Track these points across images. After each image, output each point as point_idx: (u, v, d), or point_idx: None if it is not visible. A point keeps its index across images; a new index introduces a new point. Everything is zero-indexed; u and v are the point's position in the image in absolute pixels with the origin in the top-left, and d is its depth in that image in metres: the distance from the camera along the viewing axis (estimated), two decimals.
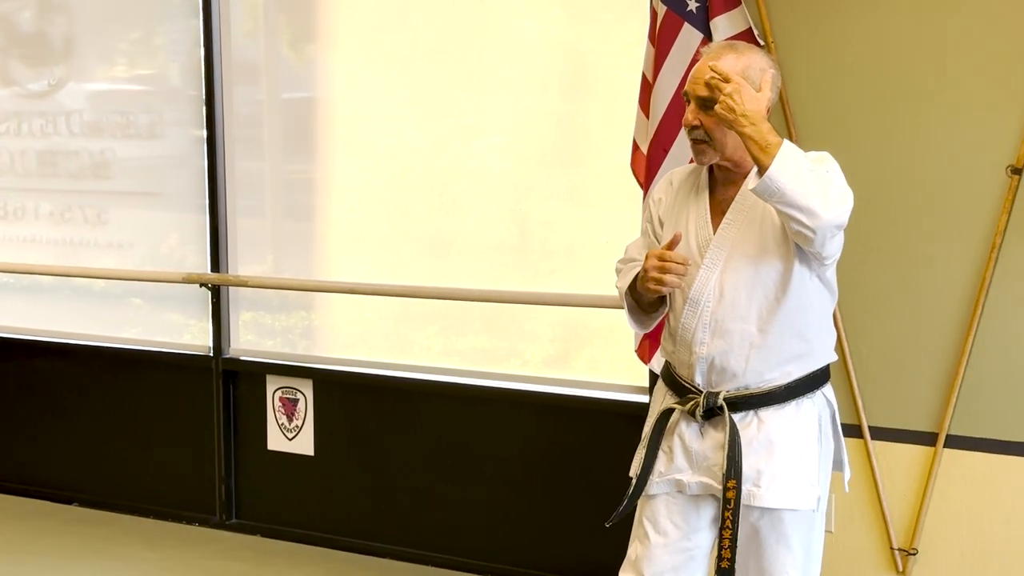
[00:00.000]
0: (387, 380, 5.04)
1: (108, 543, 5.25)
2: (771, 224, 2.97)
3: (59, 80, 5.72)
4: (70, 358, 5.75)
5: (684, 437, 3.09)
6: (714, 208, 3.07)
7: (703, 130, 2.97)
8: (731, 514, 2.98)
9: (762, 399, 3.02)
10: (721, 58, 2.98)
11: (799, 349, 3.02)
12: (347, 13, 5.11)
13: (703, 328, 3.02)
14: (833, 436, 3.13)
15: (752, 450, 3.01)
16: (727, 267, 3.00)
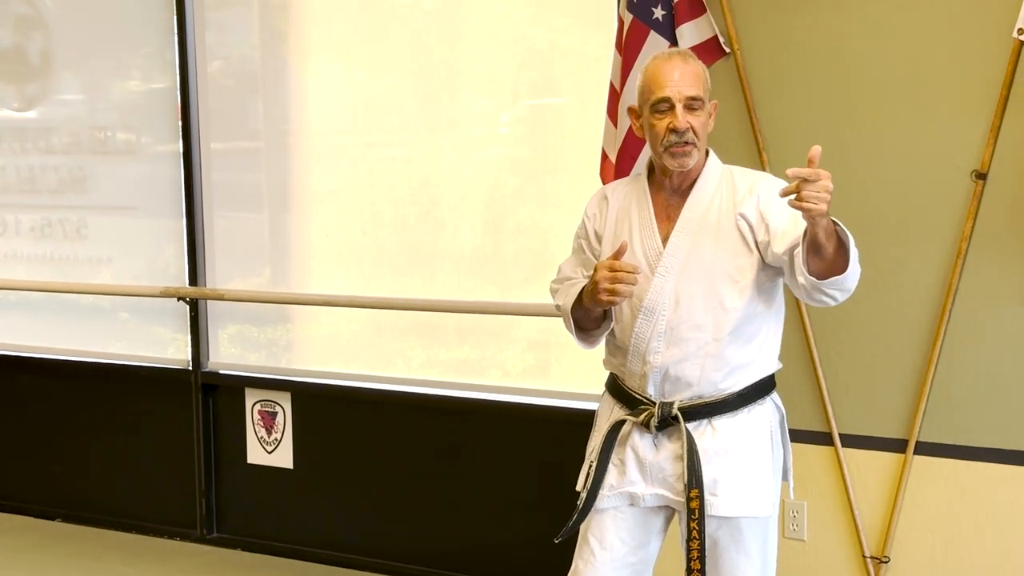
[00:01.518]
0: (366, 392, 5.03)
1: (90, 558, 5.25)
2: (725, 232, 2.97)
3: (37, 96, 5.72)
4: (51, 373, 5.75)
5: (637, 449, 3.07)
6: (659, 216, 3.06)
7: (693, 132, 2.97)
8: (697, 524, 2.98)
9: (715, 407, 3.02)
10: (690, 61, 3.00)
11: (749, 357, 3.03)
12: (322, 25, 5.11)
13: (658, 337, 3.01)
14: (782, 442, 3.14)
15: (707, 459, 3.00)
16: (682, 275, 2.99)
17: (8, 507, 5.82)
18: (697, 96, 2.97)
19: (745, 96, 3.94)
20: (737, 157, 3.95)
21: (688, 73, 2.98)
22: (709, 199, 3.03)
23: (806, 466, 3.97)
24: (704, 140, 3.02)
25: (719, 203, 3.02)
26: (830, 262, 2.80)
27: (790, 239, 2.88)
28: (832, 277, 2.80)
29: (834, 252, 2.79)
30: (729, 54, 3.96)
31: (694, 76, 2.98)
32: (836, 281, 2.81)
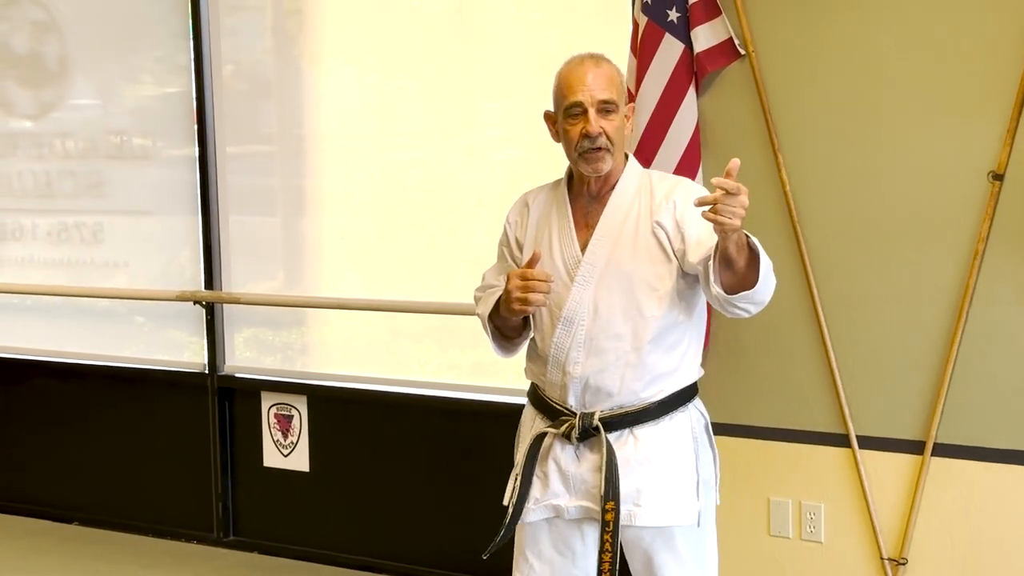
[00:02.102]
0: (382, 395, 5.03)
1: (106, 561, 5.26)
2: (644, 241, 2.95)
3: (53, 101, 5.74)
4: (69, 377, 5.77)
5: (559, 461, 3.03)
6: (577, 224, 3.02)
7: (607, 137, 2.93)
8: (611, 537, 2.93)
9: (636, 416, 2.98)
10: (603, 64, 2.96)
11: (671, 366, 3.00)
12: (337, 29, 5.12)
13: (577, 347, 2.97)
14: (710, 447, 3.11)
15: (630, 469, 2.96)
16: (600, 284, 2.96)
17: (25, 510, 5.84)
18: (610, 100, 2.93)
19: (760, 98, 3.94)
20: (753, 160, 3.97)
21: (601, 76, 2.94)
22: (628, 206, 2.99)
23: (823, 468, 3.98)
24: (620, 144, 2.98)
25: (637, 210, 2.98)
26: (741, 276, 2.78)
27: (705, 249, 2.85)
28: (742, 292, 2.78)
29: (745, 266, 2.77)
30: (744, 56, 3.96)
31: (607, 79, 2.94)
32: (745, 296, 2.79)
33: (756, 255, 2.76)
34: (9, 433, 5.92)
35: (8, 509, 5.87)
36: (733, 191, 2.61)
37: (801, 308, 3.95)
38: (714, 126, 4.02)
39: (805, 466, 4.01)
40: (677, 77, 3.97)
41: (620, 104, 2.96)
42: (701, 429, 3.08)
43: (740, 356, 4.05)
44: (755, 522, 4.09)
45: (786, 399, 4.01)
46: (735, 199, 2.62)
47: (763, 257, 2.77)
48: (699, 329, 3.08)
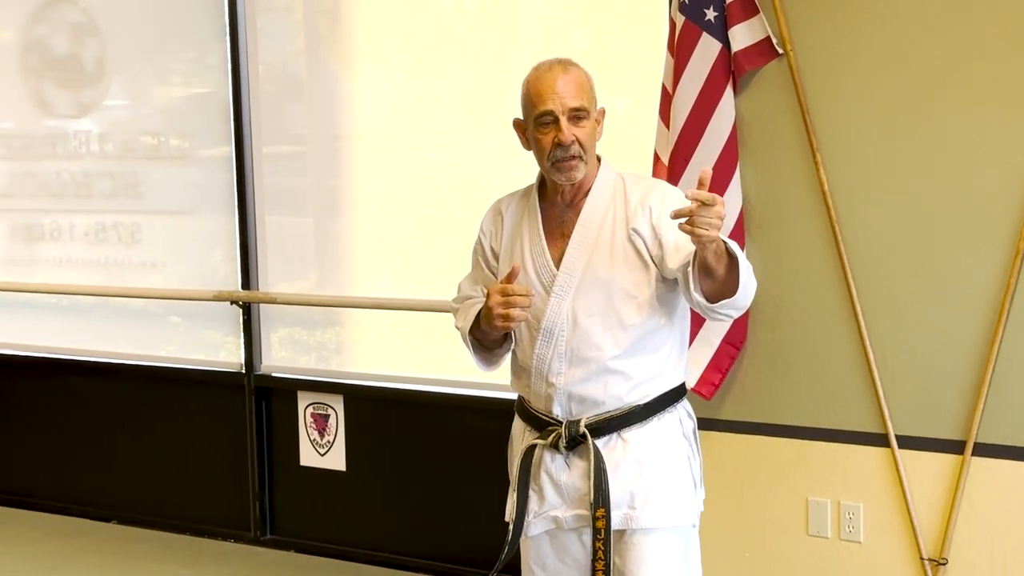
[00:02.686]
0: (417, 395, 5.05)
1: (144, 560, 5.29)
2: (621, 248, 2.91)
3: (91, 102, 5.79)
4: (107, 377, 5.81)
5: (551, 472, 3.00)
6: (550, 233, 2.98)
7: (579, 145, 2.90)
8: (603, 544, 2.89)
9: (623, 420, 2.94)
10: (571, 70, 2.92)
11: (655, 370, 2.96)
12: (376, 27, 5.14)
13: (559, 359, 2.94)
14: (697, 449, 3.08)
15: (621, 473, 2.93)
16: (579, 294, 2.92)
17: (65, 509, 5.88)
18: (581, 107, 2.89)
19: (799, 97, 3.93)
20: (791, 159, 3.96)
21: (570, 83, 2.90)
22: (603, 213, 2.95)
23: (862, 467, 3.96)
24: (592, 151, 2.94)
25: (612, 216, 2.94)
26: (721, 283, 2.76)
27: (683, 254, 2.82)
28: (723, 300, 2.76)
29: (725, 273, 2.74)
30: (782, 55, 3.95)
31: (577, 86, 2.90)
32: (726, 304, 2.77)
33: (736, 261, 2.72)
34: (48, 433, 5.96)
35: (48, 508, 5.92)
36: (708, 202, 2.58)
37: (840, 307, 3.94)
38: (751, 125, 4.01)
39: (844, 466, 3.99)
40: (714, 76, 3.97)
41: (591, 110, 2.93)
42: (690, 431, 3.05)
43: (778, 355, 4.04)
44: (793, 522, 4.08)
45: (824, 398, 4.00)
46: (710, 210, 2.59)
47: (742, 263, 2.73)
48: (682, 331, 3.04)
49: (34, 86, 5.92)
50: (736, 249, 2.74)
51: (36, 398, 6.00)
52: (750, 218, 4.03)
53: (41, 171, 5.94)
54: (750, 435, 4.11)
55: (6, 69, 5.97)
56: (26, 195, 6.01)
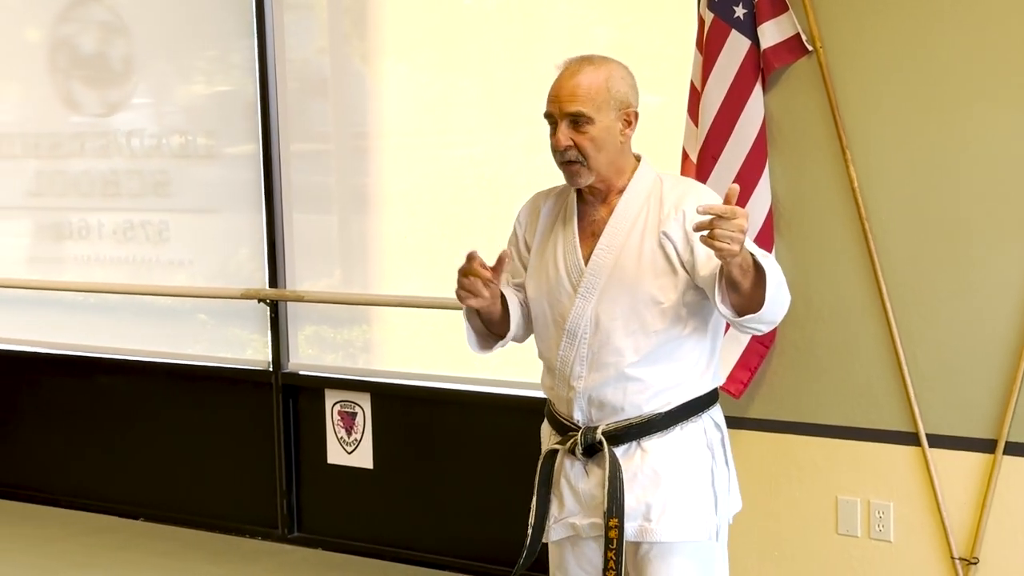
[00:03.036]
0: (445, 393, 5.05)
1: (172, 557, 5.31)
2: (649, 251, 2.83)
3: (119, 101, 5.81)
4: (135, 374, 5.83)
5: (570, 478, 2.94)
6: (583, 232, 2.91)
7: (576, 150, 2.82)
8: (614, 555, 2.81)
9: (642, 428, 2.86)
10: (581, 72, 2.82)
11: (677, 378, 2.87)
12: (404, 25, 5.14)
13: (580, 361, 2.87)
14: (725, 460, 2.95)
15: (638, 483, 2.85)
16: (603, 297, 2.85)
17: (92, 506, 5.91)
18: (578, 112, 2.79)
19: (828, 95, 3.91)
20: (820, 156, 3.94)
21: (576, 87, 2.81)
22: (635, 214, 2.86)
23: (892, 466, 3.95)
24: (599, 156, 2.82)
25: (644, 219, 2.86)
26: (748, 296, 2.67)
27: (715, 263, 2.71)
28: (748, 314, 2.68)
29: (752, 286, 2.65)
30: (811, 52, 3.93)
31: (583, 89, 2.80)
32: (752, 318, 2.68)
33: (763, 274, 2.63)
34: (75, 430, 5.99)
35: (76, 505, 5.95)
36: (724, 215, 2.50)
37: (869, 305, 3.92)
38: (781, 123, 4.00)
39: (873, 464, 3.98)
40: (743, 74, 3.95)
41: (595, 116, 2.80)
42: (717, 442, 2.93)
43: (807, 354, 4.02)
44: (823, 521, 4.07)
45: (854, 397, 3.98)
46: (730, 223, 2.51)
47: (771, 276, 2.63)
48: (714, 340, 2.93)
49: (62, 85, 5.95)
50: (767, 262, 2.65)
51: (64, 395, 6.03)
52: (779, 216, 4.02)
53: (69, 170, 5.97)
54: (779, 434, 4.10)
55: (35, 68, 5.99)
56: (54, 193, 6.03)
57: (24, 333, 6.16)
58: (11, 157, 6.14)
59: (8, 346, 6.21)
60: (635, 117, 2.87)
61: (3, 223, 6.32)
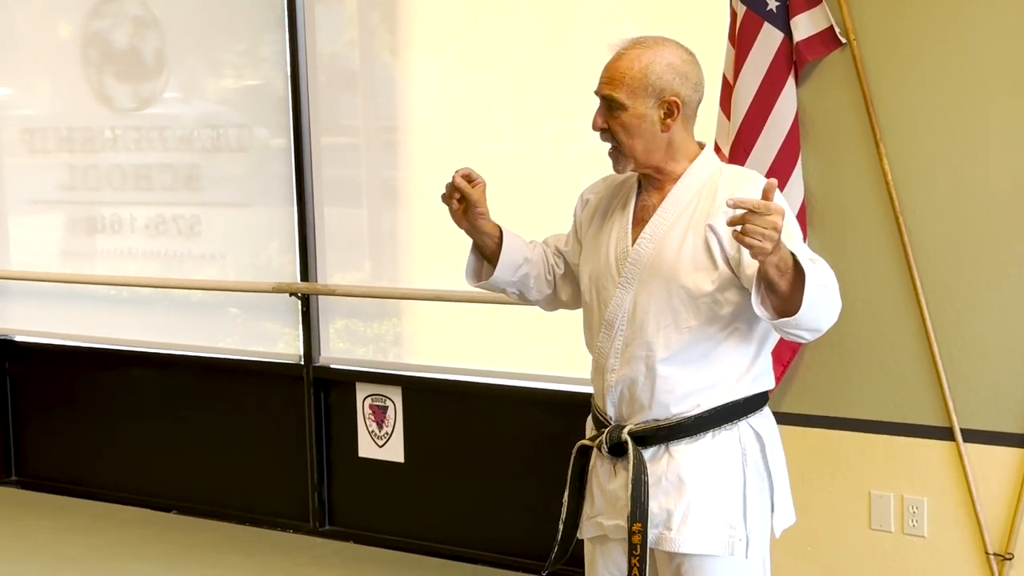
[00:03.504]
0: (476, 386, 5.05)
1: (204, 549, 5.34)
2: (692, 244, 2.71)
3: (151, 95, 5.83)
4: (167, 368, 5.86)
5: (600, 476, 2.86)
6: (635, 219, 2.82)
7: (610, 134, 2.76)
8: (638, 561, 2.71)
9: (670, 432, 2.74)
10: (624, 56, 2.73)
11: (710, 380, 2.74)
12: (437, 17, 5.14)
13: (615, 354, 2.79)
14: (766, 473, 2.80)
15: (661, 489, 2.74)
16: (641, 287, 2.75)
17: (124, 499, 5.94)
18: (610, 97, 2.72)
19: (862, 88, 3.89)
20: (854, 149, 3.92)
21: (615, 71, 2.73)
22: (685, 204, 2.75)
23: (926, 461, 3.93)
24: (630, 144, 2.74)
25: (694, 209, 2.74)
26: (785, 299, 2.52)
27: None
28: (783, 318, 2.53)
29: (790, 288, 2.51)
30: (845, 45, 3.91)
31: (617, 74, 2.72)
32: (788, 323, 2.53)
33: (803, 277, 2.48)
34: (109, 424, 6.02)
35: (109, 498, 5.98)
36: (758, 209, 2.39)
37: (903, 299, 3.90)
38: (814, 116, 3.98)
39: (907, 459, 3.96)
40: (776, 67, 3.93)
41: (628, 102, 2.71)
42: (756, 451, 2.77)
43: (841, 348, 4.00)
44: (855, 516, 4.05)
45: (888, 391, 3.96)
46: (763, 219, 2.38)
47: (811, 280, 2.48)
48: (760, 343, 2.77)
49: (95, 80, 5.97)
50: (812, 265, 2.51)
51: (96, 389, 6.07)
52: (812, 210, 4.00)
53: (102, 164, 6.00)
54: (812, 428, 4.08)
55: (68, 63, 6.02)
56: (87, 187, 6.06)
57: (56, 327, 6.19)
58: (44, 151, 6.17)
59: (41, 339, 6.25)
60: (677, 107, 2.72)
61: (36, 217, 6.36)
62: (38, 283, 6.19)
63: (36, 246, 6.31)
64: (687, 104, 2.75)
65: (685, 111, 2.75)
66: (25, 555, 5.31)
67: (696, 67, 2.79)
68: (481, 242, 3.01)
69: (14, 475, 6.33)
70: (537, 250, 3.08)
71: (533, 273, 3.05)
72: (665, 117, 2.73)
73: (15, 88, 6.38)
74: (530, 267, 3.05)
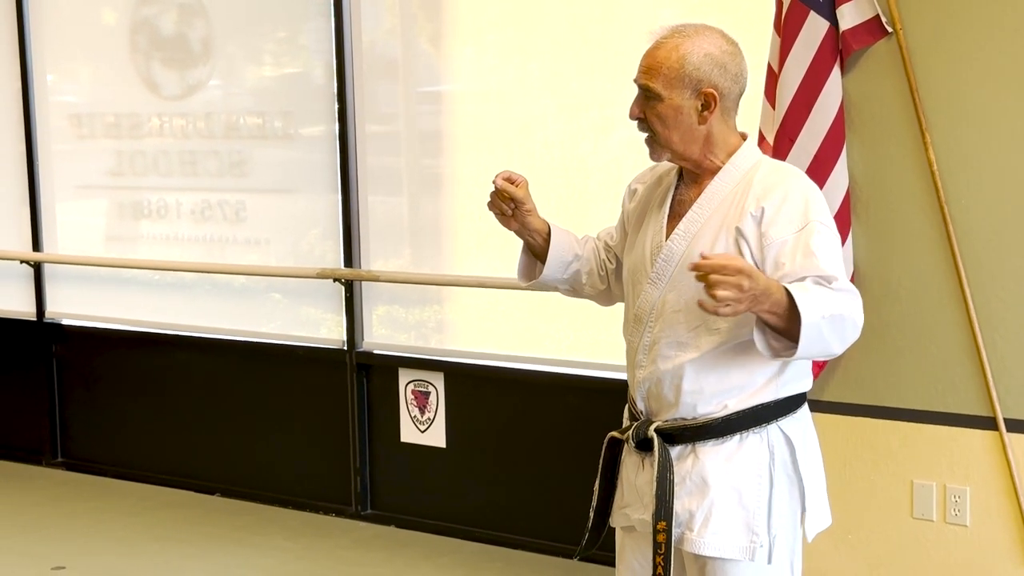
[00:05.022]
0: (518, 373, 5.08)
1: (247, 532, 5.39)
2: (723, 243, 2.66)
3: (198, 82, 5.88)
4: (211, 352, 5.91)
5: (628, 469, 2.85)
6: (672, 213, 2.78)
7: (646, 123, 2.72)
8: (663, 560, 2.69)
9: (697, 432, 2.71)
10: (663, 45, 2.69)
11: (738, 381, 2.70)
12: (480, 7, 5.16)
13: (643, 350, 2.77)
14: (796, 476, 2.75)
15: (685, 490, 2.72)
16: (671, 284, 2.71)
17: (170, 481, 6.00)
18: (646, 86, 2.68)
19: (908, 77, 3.88)
20: (899, 139, 3.92)
21: (652, 60, 2.69)
22: (721, 200, 2.71)
23: (969, 451, 3.93)
24: (666, 134, 2.70)
25: (729, 206, 2.69)
26: (785, 332, 2.51)
27: (781, 274, 2.56)
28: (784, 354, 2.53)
29: (789, 324, 2.48)
30: (891, 34, 3.91)
31: (654, 64, 2.68)
32: (787, 360, 2.57)
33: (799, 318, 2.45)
34: (153, 407, 6.08)
35: (154, 480, 6.04)
36: (719, 271, 2.38)
37: (947, 288, 3.90)
38: (859, 106, 3.98)
39: (950, 449, 3.96)
40: (822, 56, 3.93)
41: (665, 92, 2.67)
42: (786, 455, 2.72)
43: (884, 336, 4.01)
44: (898, 505, 4.06)
45: (931, 380, 3.96)
46: (726, 280, 2.39)
47: (809, 319, 2.45)
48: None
49: (143, 66, 6.02)
50: (809, 303, 2.46)
51: (141, 372, 6.13)
52: (856, 199, 4.00)
53: (148, 150, 6.05)
54: (855, 417, 4.08)
55: (116, 50, 6.08)
56: (134, 173, 6.11)
57: (102, 310, 6.26)
58: (92, 137, 6.23)
59: (87, 323, 6.32)
60: (714, 99, 2.67)
61: (83, 202, 6.42)
62: (85, 267, 6.26)
63: (83, 231, 6.37)
64: (726, 96, 2.70)
65: (724, 103, 2.70)
66: (70, 536, 5.38)
67: (737, 57, 2.73)
68: (532, 240, 2.98)
69: (59, 456, 6.41)
70: (589, 245, 3.05)
71: (585, 269, 3.03)
72: (703, 109, 2.69)
73: (62, 74, 6.44)
74: (581, 263, 3.02)
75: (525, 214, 2.94)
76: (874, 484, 4.09)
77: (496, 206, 2.92)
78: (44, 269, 6.38)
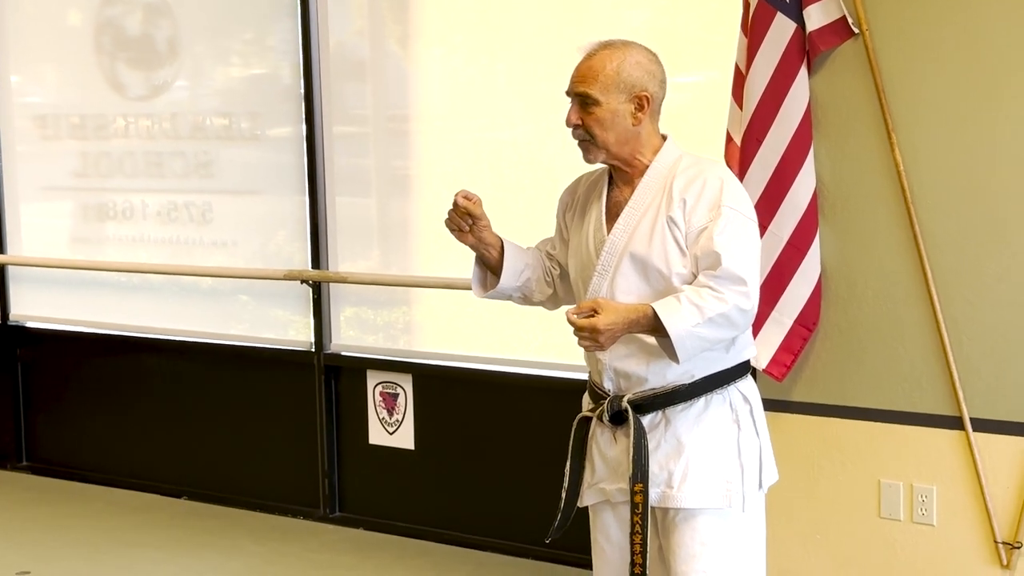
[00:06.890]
0: (486, 374, 5.07)
1: (215, 535, 5.36)
2: (660, 230, 2.93)
3: (164, 83, 5.85)
4: (177, 355, 5.88)
5: (600, 444, 3.07)
6: (609, 212, 3.04)
7: (583, 129, 2.97)
8: (640, 519, 2.93)
9: (667, 398, 2.97)
10: (595, 56, 2.96)
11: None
12: (448, 8, 5.15)
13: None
14: (755, 432, 3.04)
15: (662, 452, 2.97)
16: (618, 273, 2.97)
17: (136, 485, 5.96)
18: (584, 93, 2.95)
19: (874, 78, 3.90)
20: (866, 139, 3.94)
21: (586, 68, 2.97)
22: (652, 195, 2.98)
23: (935, 450, 3.94)
24: (606, 137, 2.96)
25: (660, 199, 2.96)
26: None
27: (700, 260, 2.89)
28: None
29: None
30: (858, 35, 3.92)
31: (592, 73, 2.95)
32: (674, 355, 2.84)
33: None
34: (119, 410, 6.05)
35: (121, 484, 6.01)
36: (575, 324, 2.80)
37: (914, 289, 3.91)
38: (826, 106, 3.99)
39: (917, 448, 3.97)
40: (789, 56, 3.95)
41: (602, 97, 2.94)
42: (745, 413, 3.02)
43: (851, 337, 4.02)
44: (865, 504, 4.07)
45: (898, 381, 3.98)
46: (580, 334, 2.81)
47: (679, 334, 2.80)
48: None
49: (108, 67, 5.99)
50: (676, 320, 2.80)
51: (107, 375, 6.09)
52: (824, 199, 4.01)
53: (114, 151, 6.01)
54: (822, 417, 4.10)
55: (81, 51, 6.04)
56: (99, 175, 6.08)
57: (67, 313, 6.22)
58: (57, 138, 6.19)
59: (52, 326, 6.28)
60: (647, 101, 2.95)
61: (48, 204, 6.38)
62: (49, 269, 6.22)
63: (47, 233, 6.33)
64: (655, 99, 2.99)
65: (653, 106, 2.99)
66: (35, 540, 5.34)
67: (660, 66, 3.01)
68: (486, 253, 3.18)
69: (25, 460, 6.36)
70: (533, 254, 3.27)
71: (534, 276, 3.24)
72: (636, 111, 2.96)
73: (27, 75, 6.40)
74: (531, 271, 3.24)
75: (482, 229, 3.12)
76: (841, 484, 4.10)
77: (454, 222, 3.10)
78: (8, 271, 6.34)
